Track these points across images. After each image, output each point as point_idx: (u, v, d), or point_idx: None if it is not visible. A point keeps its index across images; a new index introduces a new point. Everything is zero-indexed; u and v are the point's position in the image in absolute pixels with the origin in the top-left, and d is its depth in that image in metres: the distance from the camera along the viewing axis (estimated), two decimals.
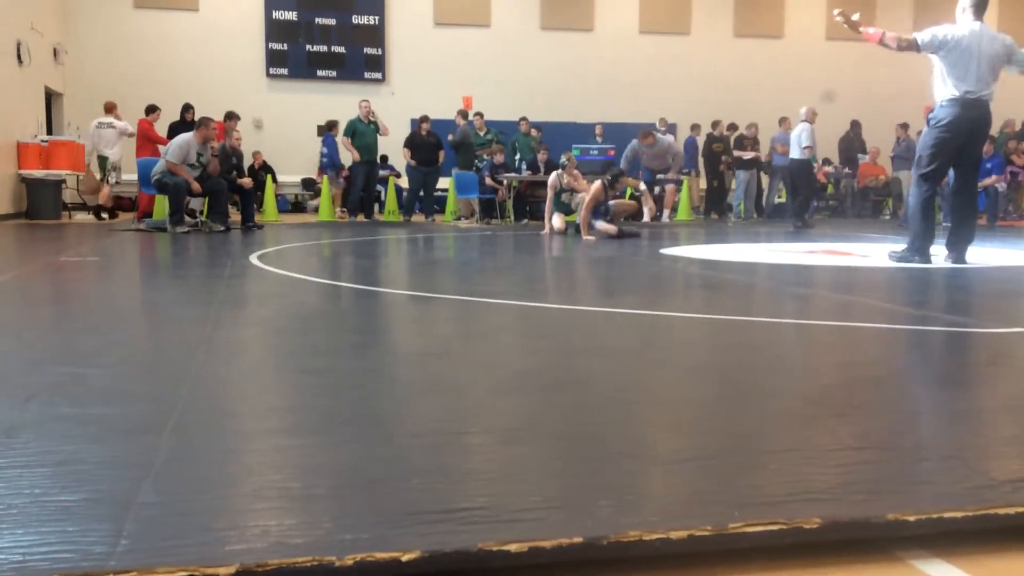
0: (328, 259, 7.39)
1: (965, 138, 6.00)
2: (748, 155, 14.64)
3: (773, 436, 1.92)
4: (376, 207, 14.59)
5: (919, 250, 6.23)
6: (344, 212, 14.06)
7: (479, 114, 14.36)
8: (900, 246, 6.53)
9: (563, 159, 11.11)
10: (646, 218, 12.17)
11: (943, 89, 6.01)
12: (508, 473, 1.61)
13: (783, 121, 15.14)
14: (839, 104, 17.76)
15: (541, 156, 13.76)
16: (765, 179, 15.59)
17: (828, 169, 15.85)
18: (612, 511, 1.40)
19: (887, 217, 15.19)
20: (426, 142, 13.62)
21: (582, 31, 18.04)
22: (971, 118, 5.94)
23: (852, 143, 16.19)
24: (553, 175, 10.91)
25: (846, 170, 15.73)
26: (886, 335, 3.41)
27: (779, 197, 15.61)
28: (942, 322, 3.74)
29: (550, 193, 10.70)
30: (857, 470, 1.64)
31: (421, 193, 13.91)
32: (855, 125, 16.36)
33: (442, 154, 13.71)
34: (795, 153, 12.03)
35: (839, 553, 1.34)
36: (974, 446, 1.83)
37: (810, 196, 12.45)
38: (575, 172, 10.96)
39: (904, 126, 14.64)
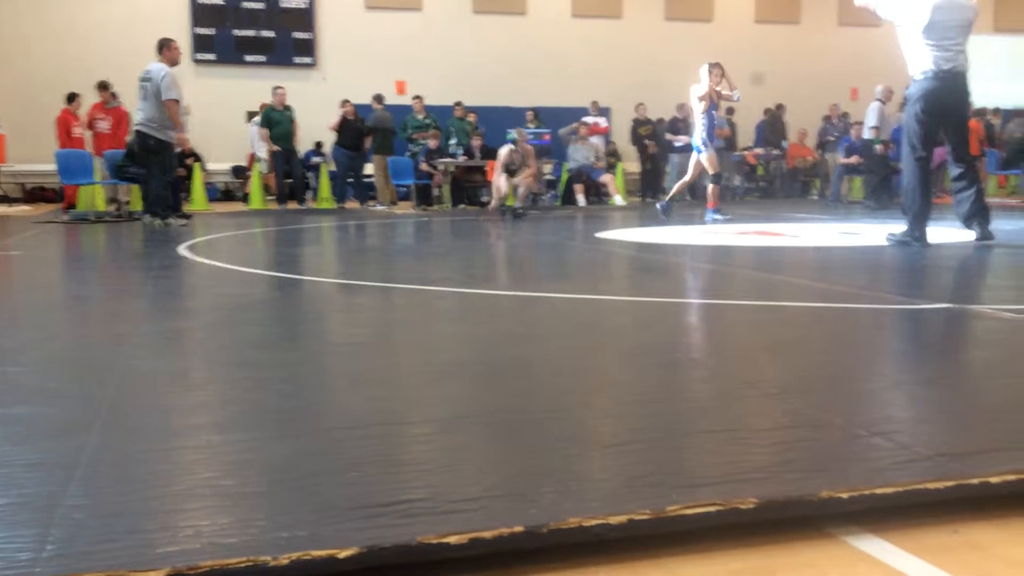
0: (260, 248, 7.27)
1: (944, 113, 5.81)
2: (681, 140, 14.80)
3: (709, 417, 1.93)
4: (310, 194, 14.40)
5: (917, 235, 5.96)
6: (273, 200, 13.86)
7: (418, 97, 14.22)
8: (899, 228, 6.19)
9: (513, 134, 10.85)
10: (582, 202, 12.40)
11: (916, 63, 5.80)
12: (447, 463, 1.60)
13: None
14: (768, 86, 18.04)
15: (476, 141, 13.71)
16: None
17: (758, 151, 16.10)
18: (553, 498, 1.39)
19: (815, 197, 15.50)
20: (351, 126, 13.50)
21: (515, 14, 17.99)
22: (948, 90, 5.76)
23: (774, 125, 16.45)
24: (504, 150, 10.70)
25: (775, 151, 16.00)
26: (816, 313, 3.48)
27: None
28: (870, 299, 3.82)
29: (499, 168, 10.58)
30: (791, 449, 1.66)
31: (351, 179, 13.80)
32: (779, 108, 16.63)
33: (369, 140, 13.63)
34: (866, 133, 12.30)
35: (775, 532, 1.35)
36: (901, 421, 1.88)
37: (882, 176, 12.20)
38: (527, 147, 10.80)
39: (835, 107, 15.06)
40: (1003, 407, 2.00)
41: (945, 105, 5.81)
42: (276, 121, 13.12)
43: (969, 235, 6.18)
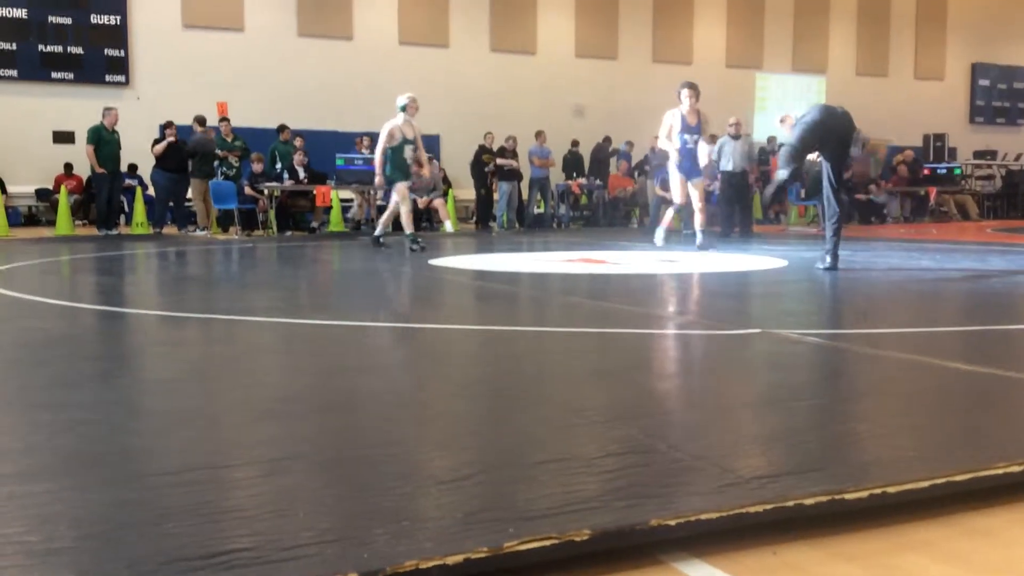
0: (69, 278, 6.81)
1: (830, 134, 6.34)
2: (509, 164, 15.09)
3: (542, 446, 1.95)
4: (122, 219, 13.70)
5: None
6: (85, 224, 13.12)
7: (225, 119, 13.76)
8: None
9: (405, 100, 9.20)
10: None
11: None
12: (275, 508, 1.53)
13: (539, 135, 15.72)
14: (590, 119, 18.71)
15: (298, 157, 13.50)
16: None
17: (581, 181, 16.61)
18: (388, 540, 1.36)
19: (635, 225, 16.15)
20: (173, 148, 13.00)
21: (342, 39, 17.84)
22: (839, 116, 6.33)
23: (601, 156, 17.06)
24: (392, 123, 9.07)
25: (597, 181, 16.56)
26: (639, 340, 3.60)
27: (538, 208, 16.19)
28: (688, 325, 4.00)
29: (386, 144, 9.02)
30: (620, 476, 1.70)
31: (171, 204, 13.26)
32: (606, 140, 17.24)
33: (192, 162, 13.17)
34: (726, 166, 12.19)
35: (608, 561, 1.38)
36: (721, 445, 1.96)
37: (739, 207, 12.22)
38: (414, 124, 9.13)
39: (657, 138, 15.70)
40: (812, 428, 2.13)
41: (834, 127, 6.32)
42: (105, 141, 12.58)
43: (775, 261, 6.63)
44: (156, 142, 13.09)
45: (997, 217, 19.13)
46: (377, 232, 9.67)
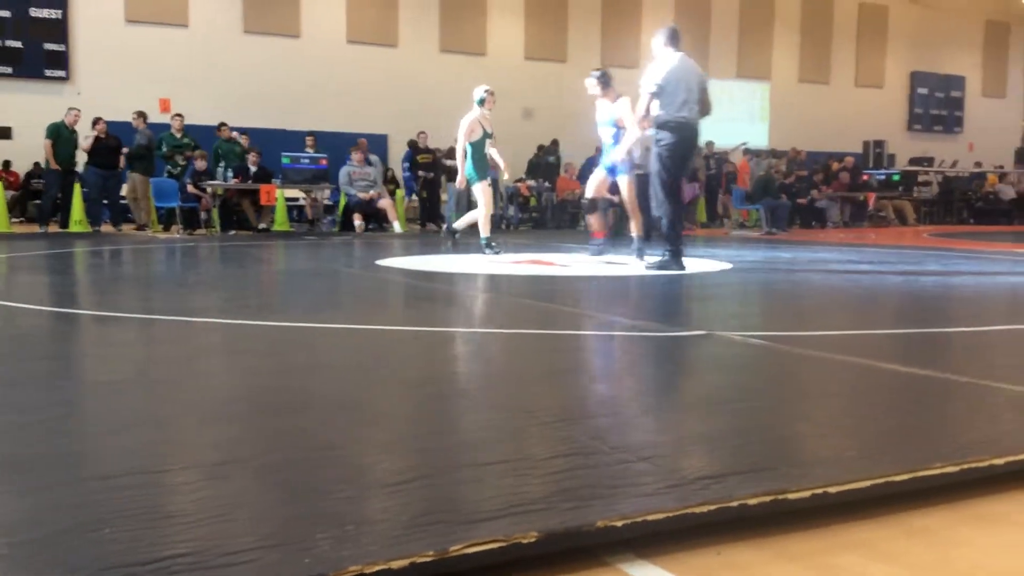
0: (6, 276, 6.62)
1: (686, 154, 6.63)
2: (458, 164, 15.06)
3: (487, 448, 1.95)
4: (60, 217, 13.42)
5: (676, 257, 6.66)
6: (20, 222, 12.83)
7: (178, 115, 13.61)
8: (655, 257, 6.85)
9: (482, 93, 8.60)
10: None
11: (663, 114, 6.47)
12: (216, 513, 1.50)
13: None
14: (537, 121, 18.75)
15: (252, 158, 13.35)
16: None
17: (530, 183, 16.65)
18: (331, 544, 1.34)
19: (582, 228, 16.22)
20: (104, 144, 12.80)
21: (288, 36, 17.64)
22: (690, 136, 6.54)
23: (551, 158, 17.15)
24: (471, 116, 8.59)
25: (546, 184, 16.62)
26: (585, 341, 3.62)
27: None
28: (634, 327, 4.03)
29: (465, 140, 8.62)
30: (566, 478, 1.70)
31: (106, 201, 13.10)
32: (554, 143, 17.31)
33: (123, 158, 12.99)
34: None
35: (554, 564, 1.37)
36: (666, 446, 1.97)
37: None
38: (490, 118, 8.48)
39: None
40: (755, 429, 2.16)
41: (689, 147, 6.64)
42: (64, 139, 12.47)
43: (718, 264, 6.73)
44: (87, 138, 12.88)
45: (933, 222, 19.62)
46: (457, 225, 9.17)
